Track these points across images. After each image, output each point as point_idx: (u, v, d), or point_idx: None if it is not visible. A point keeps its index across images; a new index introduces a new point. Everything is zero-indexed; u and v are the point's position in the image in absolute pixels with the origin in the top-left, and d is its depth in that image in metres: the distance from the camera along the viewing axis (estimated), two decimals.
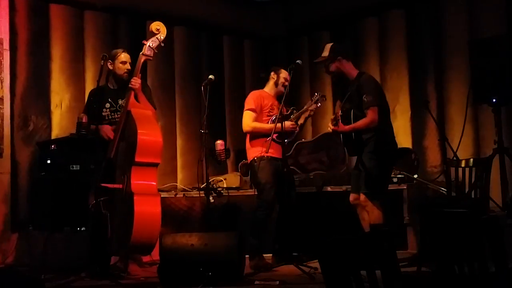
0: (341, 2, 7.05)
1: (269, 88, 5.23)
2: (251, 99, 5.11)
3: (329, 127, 4.50)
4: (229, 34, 7.44)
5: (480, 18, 5.89)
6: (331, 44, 4.68)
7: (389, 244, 2.15)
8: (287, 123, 4.89)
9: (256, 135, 5.02)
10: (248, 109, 5.06)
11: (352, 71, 4.61)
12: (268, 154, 4.86)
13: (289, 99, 5.10)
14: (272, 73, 5.22)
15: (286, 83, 5.12)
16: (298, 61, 4.87)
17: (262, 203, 4.92)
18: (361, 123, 4.40)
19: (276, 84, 5.17)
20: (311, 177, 5.90)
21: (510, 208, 4.76)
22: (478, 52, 5.16)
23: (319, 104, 5.09)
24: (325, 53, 4.63)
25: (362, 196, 4.43)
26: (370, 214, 4.39)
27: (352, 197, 4.56)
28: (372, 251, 2.12)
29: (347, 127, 4.43)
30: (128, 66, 4.72)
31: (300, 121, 5.10)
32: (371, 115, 4.36)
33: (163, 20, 5.15)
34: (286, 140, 4.97)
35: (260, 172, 4.91)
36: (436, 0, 6.28)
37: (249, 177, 5.48)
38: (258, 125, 5.00)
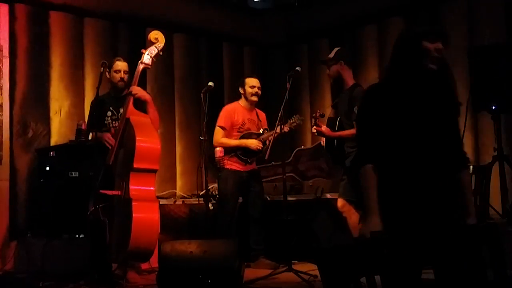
0: (340, 9, 7.07)
1: (242, 101, 5.45)
2: (222, 117, 5.36)
3: (313, 129, 4.51)
4: (228, 41, 7.46)
5: (479, 25, 5.90)
6: (338, 47, 4.70)
7: (389, 251, 2.15)
8: (253, 141, 5.24)
9: (224, 150, 5.29)
10: (218, 126, 5.34)
11: (349, 79, 4.59)
12: (231, 167, 5.23)
13: (289, 106, 5.09)
14: (240, 89, 5.46)
15: (256, 89, 5.36)
16: (297, 68, 4.88)
17: (220, 212, 5.25)
18: (347, 133, 4.41)
19: (245, 97, 5.42)
20: (311, 184, 5.89)
21: (510, 216, 4.75)
22: (477, 59, 5.16)
23: (294, 128, 5.24)
24: (331, 54, 4.66)
25: (339, 202, 4.48)
26: (348, 219, 4.44)
27: (339, 203, 4.60)
28: (371, 258, 2.11)
29: (332, 133, 4.45)
30: (122, 74, 4.74)
31: (270, 139, 5.15)
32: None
33: (163, 27, 5.18)
34: (249, 159, 5.31)
35: (221, 183, 5.27)
36: (436, 7, 6.29)
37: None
38: (225, 141, 5.29)
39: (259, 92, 5.40)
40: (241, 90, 5.44)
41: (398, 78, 2.37)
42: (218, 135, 5.30)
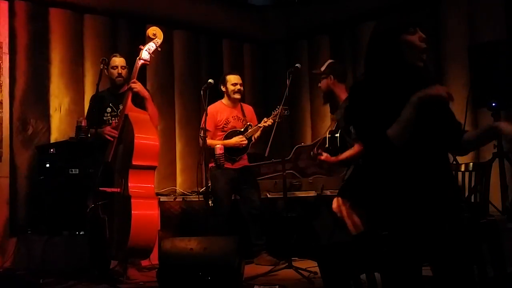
0: (340, 6, 7.06)
1: (225, 99, 5.46)
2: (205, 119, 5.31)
3: (314, 159, 4.51)
4: (228, 38, 7.45)
5: (479, 23, 5.90)
6: (331, 60, 4.63)
7: (388, 248, 2.15)
8: (234, 139, 5.26)
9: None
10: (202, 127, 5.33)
11: (341, 93, 4.43)
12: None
13: (288, 103, 5.08)
14: (221, 86, 5.43)
15: (238, 87, 5.36)
16: (297, 65, 4.88)
17: (215, 211, 5.22)
18: (347, 154, 4.32)
19: (228, 95, 5.41)
20: (311, 181, 5.89)
21: (509, 213, 4.75)
22: (477, 57, 5.17)
23: (279, 120, 5.12)
24: (323, 67, 4.53)
25: (337, 201, 4.45)
26: (346, 219, 4.41)
27: (334, 204, 4.57)
28: (371, 255, 2.12)
29: (333, 159, 4.41)
30: (119, 70, 4.75)
31: (257, 135, 5.26)
32: (357, 148, 4.29)
33: (163, 24, 5.17)
34: (236, 157, 5.32)
35: (213, 182, 5.25)
36: (436, 5, 6.28)
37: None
38: (209, 142, 5.14)
39: (242, 88, 5.42)
40: (222, 88, 5.42)
41: (383, 76, 2.29)
42: None
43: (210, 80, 4.94)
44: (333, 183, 5.70)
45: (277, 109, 5.10)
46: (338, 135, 4.47)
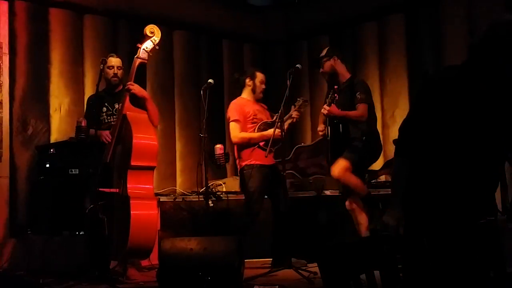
0: (340, 6, 7.06)
1: (247, 94, 5.21)
2: (233, 110, 5.09)
3: (324, 109, 4.58)
4: (228, 38, 7.45)
5: (479, 22, 5.90)
6: (328, 46, 4.87)
7: (389, 248, 2.15)
8: (277, 131, 4.90)
9: (245, 144, 5.02)
10: (233, 120, 5.05)
11: (345, 73, 4.81)
12: (257, 162, 4.95)
13: (289, 103, 5.07)
14: (247, 80, 5.20)
15: (263, 86, 5.19)
16: (297, 65, 4.88)
17: (248, 211, 4.99)
18: (352, 113, 4.61)
19: (253, 91, 5.18)
20: (311, 181, 5.89)
21: (510, 213, 4.75)
22: None
23: (302, 109, 5.15)
24: (323, 53, 4.85)
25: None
26: (355, 218, 4.59)
27: (347, 203, 4.71)
28: (372, 255, 2.12)
29: (338, 112, 4.57)
30: (115, 70, 4.76)
31: (285, 127, 5.03)
32: (362, 110, 4.60)
33: (163, 24, 5.17)
34: (273, 148, 4.99)
35: (249, 180, 4.96)
36: (436, 4, 6.28)
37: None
38: (246, 135, 5.02)
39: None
40: (248, 82, 5.19)
41: (479, 77, 2.18)
42: (236, 130, 5.02)
43: (210, 80, 4.93)
44: (333, 183, 5.70)
45: (298, 100, 5.09)
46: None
